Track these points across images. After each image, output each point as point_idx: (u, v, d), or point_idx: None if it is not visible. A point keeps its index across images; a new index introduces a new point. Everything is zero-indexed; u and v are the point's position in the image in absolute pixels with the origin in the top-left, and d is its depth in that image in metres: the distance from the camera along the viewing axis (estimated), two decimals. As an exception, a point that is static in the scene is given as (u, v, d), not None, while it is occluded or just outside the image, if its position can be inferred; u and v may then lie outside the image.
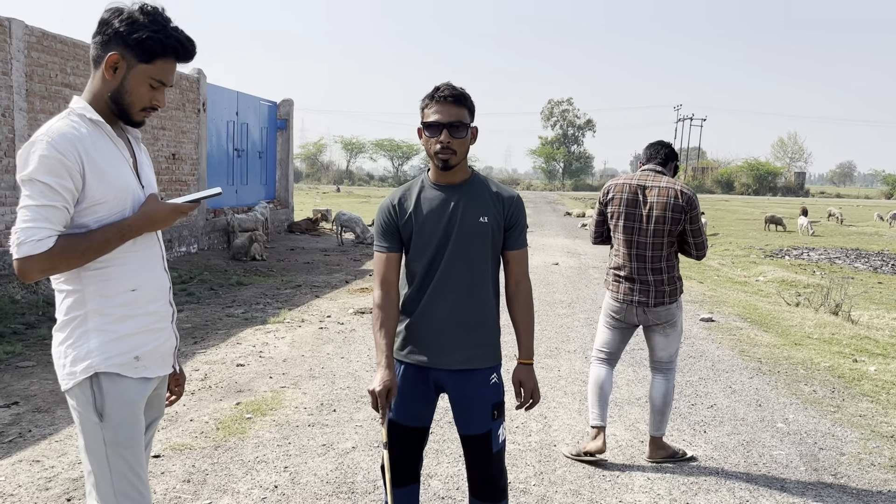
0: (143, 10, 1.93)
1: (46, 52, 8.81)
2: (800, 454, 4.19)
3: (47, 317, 7.49)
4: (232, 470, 3.74)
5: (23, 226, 1.81)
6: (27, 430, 4.26)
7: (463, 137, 2.39)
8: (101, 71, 1.94)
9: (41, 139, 1.84)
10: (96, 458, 1.97)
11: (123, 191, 1.96)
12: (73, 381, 1.95)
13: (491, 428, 2.47)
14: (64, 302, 1.97)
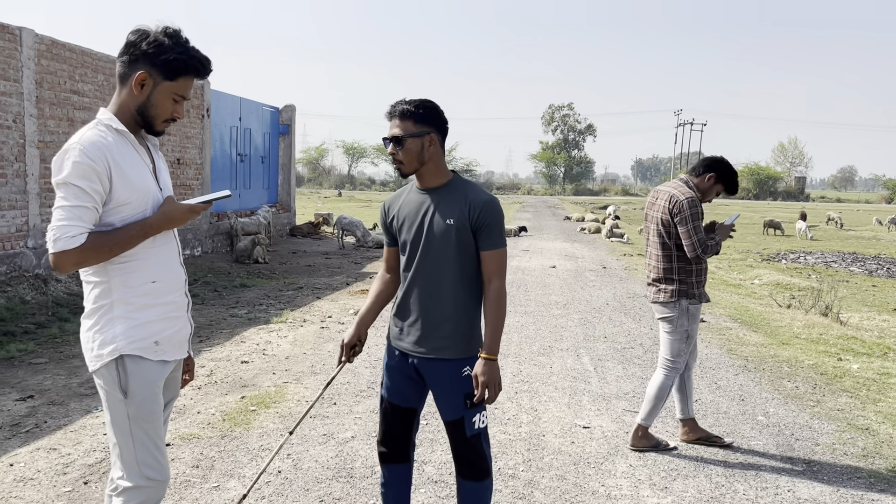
0: (167, 32, 2.18)
1: (56, 59, 9.06)
2: (776, 444, 4.41)
3: (57, 317, 7.73)
4: (238, 457, 3.97)
5: (58, 224, 2.04)
6: (43, 422, 4.49)
7: (408, 148, 2.60)
8: (129, 87, 2.18)
9: (74, 147, 2.08)
10: (121, 431, 2.20)
11: (145, 193, 2.20)
12: (100, 362, 2.18)
13: (464, 415, 2.67)
14: (92, 292, 2.20)
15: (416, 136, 2.60)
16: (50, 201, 8.99)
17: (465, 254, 2.65)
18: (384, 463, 2.87)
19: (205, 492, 3.54)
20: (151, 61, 2.15)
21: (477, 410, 2.69)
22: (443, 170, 2.70)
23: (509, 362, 6.18)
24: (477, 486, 2.75)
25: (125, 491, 2.21)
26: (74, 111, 9.40)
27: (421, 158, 2.63)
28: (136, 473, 2.21)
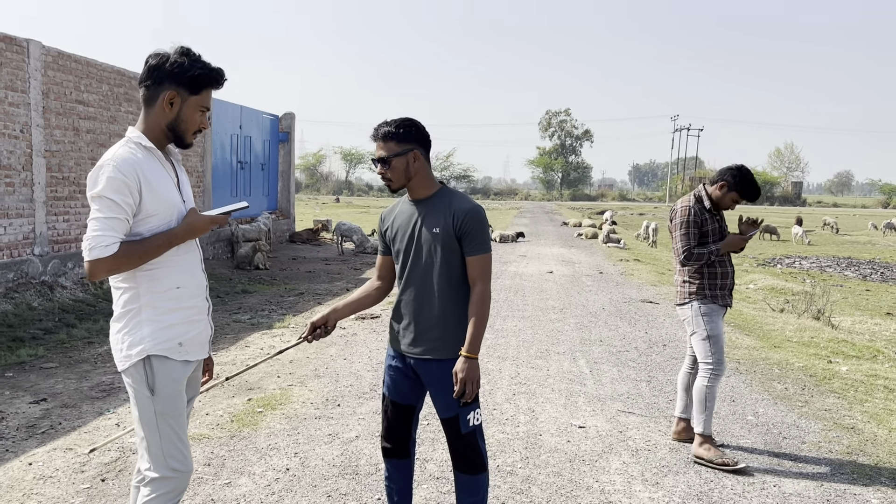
0: (183, 52, 2.39)
1: (62, 70, 9.25)
2: (764, 442, 4.59)
3: (63, 322, 7.89)
4: (247, 455, 4.14)
5: (93, 234, 2.23)
6: (57, 423, 4.65)
7: (394, 167, 2.80)
8: (158, 106, 2.37)
9: (108, 163, 2.27)
10: (148, 426, 2.37)
11: (170, 206, 2.40)
12: (129, 362, 2.36)
13: (458, 413, 2.85)
14: (121, 297, 2.38)
15: (400, 154, 2.81)
16: (56, 209, 9.17)
17: (451, 260, 2.83)
18: (387, 458, 3.06)
19: (217, 488, 3.70)
20: (177, 80, 2.35)
21: (471, 409, 2.86)
22: (430, 181, 2.90)
23: (507, 365, 6.35)
24: (473, 480, 2.92)
25: (152, 481, 2.39)
26: (80, 121, 9.58)
27: (408, 174, 2.84)
28: (163, 465, 2.39)
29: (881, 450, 4.52)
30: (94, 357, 6.40)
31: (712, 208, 4.42)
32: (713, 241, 4.37)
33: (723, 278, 4.39)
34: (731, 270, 4.45)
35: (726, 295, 4.41)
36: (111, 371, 5.92)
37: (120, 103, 10.47)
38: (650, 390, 5.69)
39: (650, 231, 23.25)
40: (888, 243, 26.78)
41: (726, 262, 4.43)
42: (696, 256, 4.30)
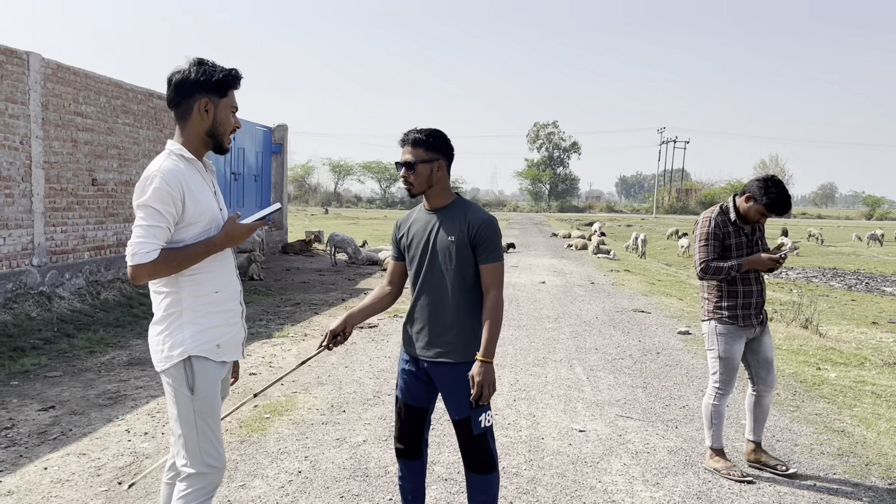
0: (200, 61, 2.54)
1: (61, 83, 9.33)
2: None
3: (63, 332, 7.94)
4: (259, 459, 4.24)
5: (137, 241, 2.35)
6: (68, 430, 4.73)
7: (419, 172, 2.94)
8: (194, 116, 2.52)
9: (156, 175, 2.40)
10: (187, 424, 2.49)
11: (211, 214, 2.53)
12: (170, 363, 2.47)
13: (470, 415, 2.97)
14: (163, 301, 2.50)
15: (426, 161, 2.95)
16: (54, 220, 9.24)
17: (464, 267, 2.95)
18: (400, 458, 3.18)
19: (232, 490, 3.81)
20: (205, 87, 2.50)
21: (482, 410, 2.98)
22: (447, 192, 3.05)
23: (506, 372, 6.48)
24: (484, 479, 3.04)
25: (189, 477, 2.50)
26: (78, 132, 9.66)
27: (430, 182, 2.98)
28: (199, 461, 2.50)
29: (870, 451, 4.67)
30: (98, 366, 6.47)
31: (739, 221, 4.18)
32: (737, 257, 4.14)
33: (745, 297, 4.16)
34: (757, 289, 4.19)
35: (750, 315, 4.18)
36: (116, 379, 6.00)
37: (117, 115, 10.57)
38: (646, 396, 5.84)
39: (639, 242, 23.50)
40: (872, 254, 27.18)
41: (752, 280, 4.17)
42: (714, 270, 4.11)
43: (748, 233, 4.22)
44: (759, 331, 4.30)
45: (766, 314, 4.39)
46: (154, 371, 6.23)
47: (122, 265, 10.75)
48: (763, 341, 4.32)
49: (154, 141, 11.60)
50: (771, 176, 4.17)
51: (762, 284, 4.29)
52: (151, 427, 4.81)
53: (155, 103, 11.63)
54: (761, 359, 4.31)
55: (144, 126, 11.32)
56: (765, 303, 4.30)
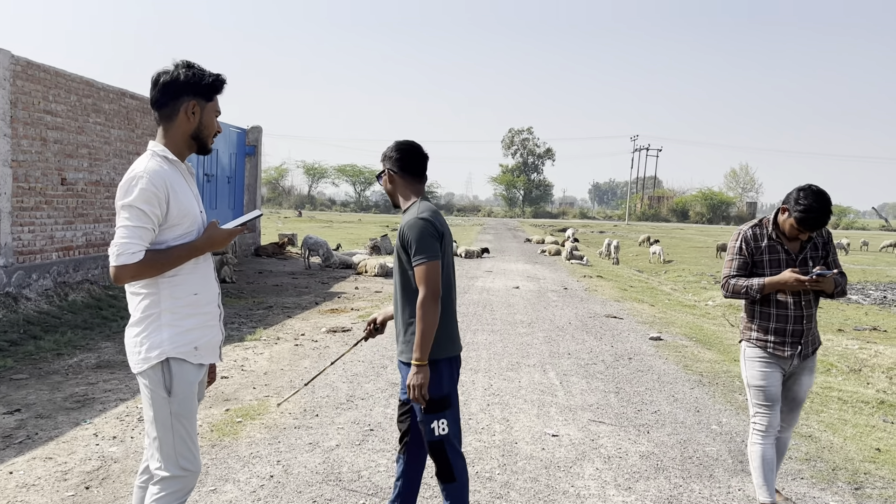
0: (189, 64, 2.52)
1: (31, 80, 9.17)
2: (729, 450, 4.79)
3: (29, 334, 7.78)
4: (230, 464, 4.20)
5: (121, 241, 2.33)
6: (34, 433, 4.64)
7: (383, 184, 3.21)
8: (180, 118, 2.52)
9: (142, 176, 2.38)
10: (163, 426, 2.46)
11: (193, 216, 2.53)
12: (147, 364, 2.45)
13: (423, 420, 2.99)
14: (141, 303, 2.47)
15: (381, 173, 3.20)
16: (21, 220, 9.06)
17: (404, 270, 3.04)
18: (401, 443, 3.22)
19: (203, 495, 3.76)
20: (194, 90, 2.51)
21: (434, 417, 2.96)
22: (404, 197, 3.17)
23: (480, 377, 6.49)
24: (446, 487, 3.07)
25: (163, 480, 2.47)
26: (47, 131, 9.50)
27: (388, 190, 3.20)
28: (174, 464, 2.47)
29: (837, 456, 4.76)
30: (65, 368, 6.36)
31: (778, 235, 3.69)
32: (771, 275, 3.65)
33: (778, 322, 3.67)
34: (796, 315, 3.64)
35: (783, 344, 3.66)
36: (84, 382, 5.90)
37: (88, 114, 10.41)
38: (618, 401, 5.88)
39: (612, 248, 23.69)
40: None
41: (790, 303, 3.64)
42: (733, 289, 3.72)
43: (791, 250, 3.67)
44: (797, 364, 3.72)
45: (813, 347, 3.76)
46: (123, 374, 6.14)
47: (92, 266, 10.59)
48: (800, 380, 3.78)
49: (126, 141, 11.45)
50: (810, 185, 3.57)
51: (806, 310, 3.67)
52: (120, 431, 4.73)
53: (127, 103, 11.48)
54: (790, 398, 3.80)
55: (116, 125, 11.16)
56: (808, 332, 3.69)
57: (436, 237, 2.94)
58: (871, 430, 5.38)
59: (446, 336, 3.02)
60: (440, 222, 3.01)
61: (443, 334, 3.00)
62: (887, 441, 5.13)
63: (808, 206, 3.51)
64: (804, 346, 3.70)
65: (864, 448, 4.94)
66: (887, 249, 35.59)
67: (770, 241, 3.72)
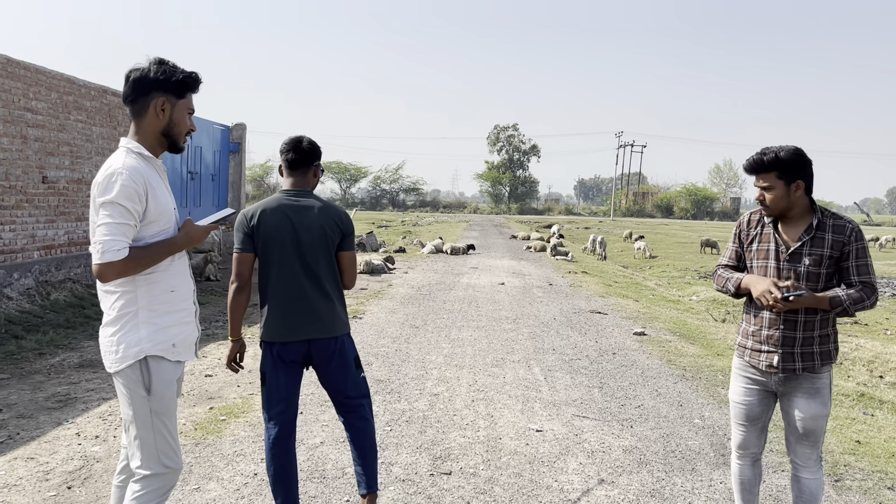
0: (161, 61, 2.52)
1: (10, 77, 9.07)
2: (711, 443, 4.84)
3: (11, 334, 7.71)
4: (214, 462, 4.18)
5: (105, 238, 2.32)
6: (16, 433, 4.60)
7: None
8: (150, 115, 2.50)
9: (122, 172, 2.37)
10: (143, 425, 2.45)
11: (169, 212, 2.52)
12: (125, 363, 2.44)
13: None
14: (116, 302, 2.45)
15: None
16: (2, 219, 8.97)
17: None
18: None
19: (186, 493, 3.75)
20: (164, 87, 2.50)
21: None
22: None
23: (465, 373, 6.50)
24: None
25: (144, 478, 2.46)
26: (28, 129, 9.40)
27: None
28: (155, 461, 2.47)
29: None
30: (47, 368, 6.31)
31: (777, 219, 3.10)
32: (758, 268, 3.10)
33: (757, 325, 3.09)
34: (770, 316, 3.03)
35: (759, 352, 3.08)
36: (66, 382, 5.86)
37: (69, 112, 10.32)
38: (602, 396, 5.91)
39: (598, 244, 23.79)
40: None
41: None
42: (717, 280, 3.28)
43: (785, 240, 3.04)
44: (783, 381, 3.06)
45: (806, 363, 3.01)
46: (106, 373, 6.09)
47: (74, 265, 10.50)
48: (793, 402, 3.07)
49: (108, 138, 11.36)
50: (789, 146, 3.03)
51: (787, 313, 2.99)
52: (103, 430, 4.71)
53: (109, 100, 11.39)
54: (789, 421, 3.12)
55: (98, 123, 11.07)
56: (796, 342, 3.00)
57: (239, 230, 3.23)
58: (851, 423, 5.44)
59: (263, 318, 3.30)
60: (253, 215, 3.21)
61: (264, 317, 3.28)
62: (867, 433, 5.20)
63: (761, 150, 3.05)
64: (787, 359, 3.01)
65: (845, 440, 5.00)
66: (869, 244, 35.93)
67: (765, 227, 3.12)
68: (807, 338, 2.99)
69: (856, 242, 2.98)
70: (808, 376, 3.02)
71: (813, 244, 2.98)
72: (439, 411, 5.34)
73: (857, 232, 2.99)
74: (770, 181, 2.98)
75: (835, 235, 2.97)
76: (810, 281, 2.97)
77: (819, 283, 2.98)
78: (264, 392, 3.31)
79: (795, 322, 2.98)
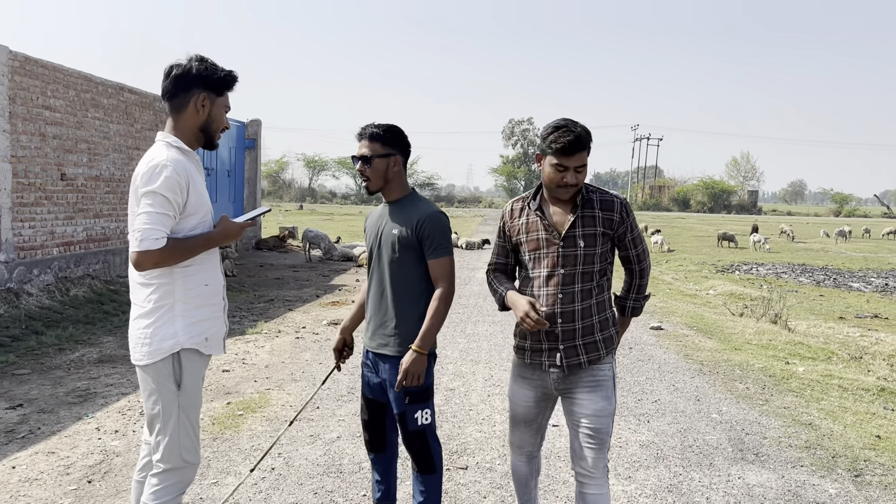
0: (201, 59, 2.55)
1: (29, 75, 9.16)
2: (728, 438, 4.81)
3: (31, 329, 7.80)
4: (231, 456, 4.22)
5: (144, 227, 2.36)
6: (37, 428, 4.66)
7: (375, 167, 2.91)
8: (190, 110, 2.54)
9: (167, 164, 2.41)
10: (169, 419, 2.49)
11: (206, 205, 2.57)
12: (158, 357, 2.46)
13: (405, 411, 2.94)
14: (152, 294, 2.48)
15: (382, 156, 2.93)
16: (21, 216, 9.07)
17: (407, 261, 2.93)
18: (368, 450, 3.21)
19: (205, 487, 3.78)
20: (205, 83, 2.54)
21: (418, 407, 2.93)
22: (403, 186, 3.04)
23: (481, 368, 6.50)
24: (423, 479, 3.01)
25: (164, 472, 2.49)
26: (46, 126, 9.49)
27: (386, 177, 2.96)
28: (177, 456, 2.50)
29: (837, 444, 4.77)
30: (67, 363, 6.38)
31: (542, 201, 2.87)
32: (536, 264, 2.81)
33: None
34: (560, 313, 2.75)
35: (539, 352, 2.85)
36: (86, 377, 5.92)
37: (87, 109, 10.40)
38: (619, 391, 5.88)
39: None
40: (840, 250, 27.65)
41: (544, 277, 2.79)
42: (489, 285, 3.04)
43: (555, 224, 2.77)
44: (559, 378, 2.82)
45: (588, 355, 2.78)
46: (125, 368, 6.16)
47: (92, 261, 10.60)
48: (575, 397, 2.80)
49: (125, 135, 11.45)
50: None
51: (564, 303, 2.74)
52: (122, 425, 4.75)
53: (125, 97, 11.47)
54: (573, 422, 2.85)
55: (115, 120, 11.16)
56: (580, 333, 2.77)
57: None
58: (871, 418, 5.39)
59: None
60: None
61: None
62: (887, 428, 5.15)
63: (558, 125, 2.74)
64: (571, 354, 2.77)
65: (865, 435, 4.95)
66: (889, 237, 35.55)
67: (529, 214, 2.81)
68: (586, 326, 2.78)
69: (628, 217, 2.83)
70: (589, 369, 2.79)
71: (585, 225, 2.74)
72: (455, 406, 5.34)
73: (627, 207, 2.85)
74: (584, 160, 2.73)
75: (603, 213, 2.77)
76: (587, 264, 2.76)
77: (595, 265, 2.79)
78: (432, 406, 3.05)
79: (573, 312, 2.75)
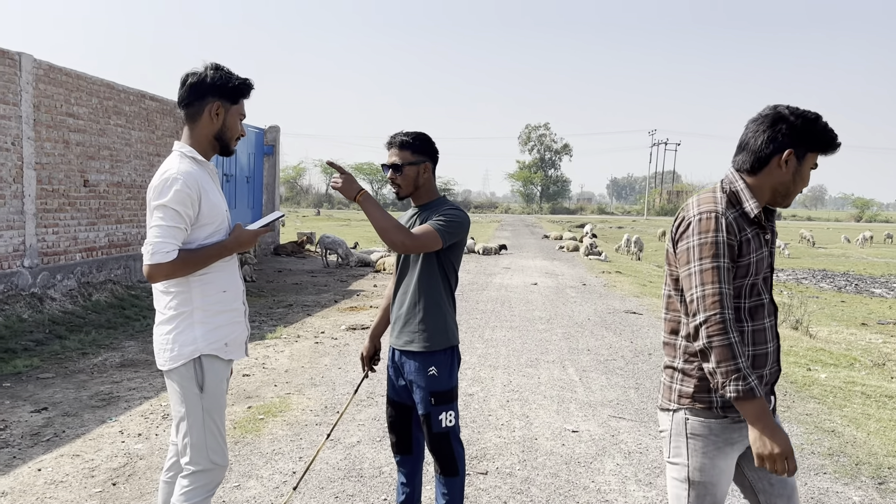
0: (217, 67, 2.58)
1: (53, 83, 9.30)
2: (750, 445, 4.77)
3: (55, 334, 7.91)
4: (253, 460, 4.25)
5: (156, 240, 2.40)
6: (61, 431, 4.72)
7: (406, 174, 2.96)
8: (205, 118, 2.57)
9: (176, 177, 2.44)
10: (195, 422, 2.52)
11: (221, 214, 2.60)
12: (180, 361, 2.51)
13: (430, 412, 2.95)
14: (172, 301, 2.53)
15: (413, 164, 2.98)
16: (45, 221, 9.19)
17: (431, 259, 2.96)
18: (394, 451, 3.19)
19: (227, 491, 3.81)
20: (220, 92, 2.56)
21: (444, 408, 2.94)
22: (433, 192, 3.08)
23: (499, 373, 6.50)
24: (446, 481, 3.00)
25: (193, 474, 2.53)
26: (70, 133, 9.63)
27: (416, 183, 3.01)
28: (205, 458, 2.53)
29: (860, 451, 4.72)
30: (90, 367, 6.46)
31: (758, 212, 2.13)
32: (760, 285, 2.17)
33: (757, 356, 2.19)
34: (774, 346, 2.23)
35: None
36: (108, 381, 5.99)
37: (109, 116, 10.54)
38: (638, 397, 5.87)
39: (632, 244, 23.59)
40: (861, 256, 27.35)
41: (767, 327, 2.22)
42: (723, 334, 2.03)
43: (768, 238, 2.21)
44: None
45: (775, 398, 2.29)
46: (147, 372, 6.22)
47: (114, 266, 10.72)
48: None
49: (146, 142, 11.58)
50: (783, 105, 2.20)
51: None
52: (145, 428, 4.80)
53: (147, 104, 11.60)
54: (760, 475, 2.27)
55: (136, 127, 11.29)
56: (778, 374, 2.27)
57: (464, 231, 2.98)
58: (895, 425, 5.33)
59: (454, 324, 3.04)
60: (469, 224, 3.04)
61: (452, 322, 3.02)
62: (912, 436, 5.09)
63: (817, 116, 2.19)
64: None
65: (888, 442, 4.90)
66: (911, 242, 35.11)
67: (751, 225, 2.14)
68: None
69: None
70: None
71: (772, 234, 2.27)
72: (474, 411, 5.35)
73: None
74: None
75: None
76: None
77: None
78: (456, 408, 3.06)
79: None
